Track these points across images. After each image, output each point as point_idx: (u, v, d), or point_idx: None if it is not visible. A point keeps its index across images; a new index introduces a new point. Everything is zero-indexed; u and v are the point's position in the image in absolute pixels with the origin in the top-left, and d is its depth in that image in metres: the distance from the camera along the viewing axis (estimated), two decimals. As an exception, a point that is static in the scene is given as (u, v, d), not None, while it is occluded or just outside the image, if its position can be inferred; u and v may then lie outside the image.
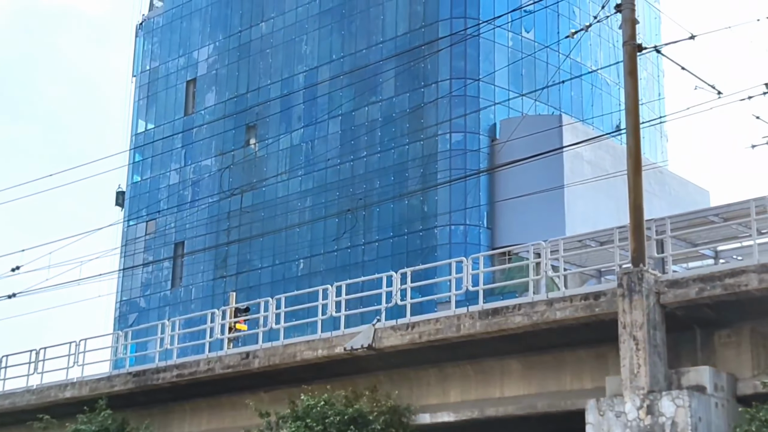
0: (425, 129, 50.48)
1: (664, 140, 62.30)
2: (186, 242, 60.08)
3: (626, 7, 18.30)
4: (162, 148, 62.75)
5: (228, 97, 60.52)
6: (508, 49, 51.13)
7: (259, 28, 59.89)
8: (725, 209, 20.33)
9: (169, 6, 66.36)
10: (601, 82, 55.07)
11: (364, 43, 54.24)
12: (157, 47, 66.48)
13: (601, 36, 54.89)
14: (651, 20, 59.56)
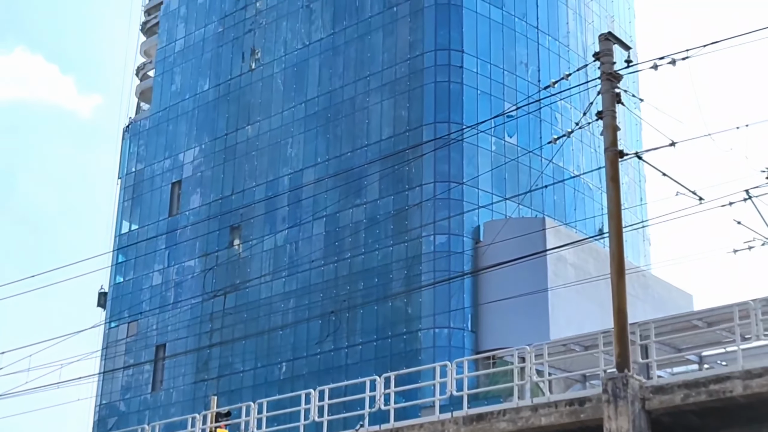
0: (409, 231, 50.65)
1: (647, 244, 62.65)
2: (167, 344, 59.54)
3: (607, 114, 18.60)
4: (146, 249, 62.68)
5: (213, 199, 60.74)
6: (491, 153, 51.69)
7: (245, 131, 60.47)
8: (709, 314, 20.33)
9: (156, 109, 67.04)
10: (583, 187, 55.59)
11: (349, 146, 54.77)
12: (144, 149, 66.94)
13: (583, 141, 55.63)
14: (632, 126, 60.47)
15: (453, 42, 52.58)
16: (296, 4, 59.86)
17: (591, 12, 60.59)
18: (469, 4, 53.43)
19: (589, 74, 23.20)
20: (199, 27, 65.34)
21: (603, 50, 19.17)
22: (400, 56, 53.76)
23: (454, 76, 52.09)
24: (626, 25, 64.62)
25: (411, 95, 52.77)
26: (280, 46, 60.04)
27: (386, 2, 55.17)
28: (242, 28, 62.60)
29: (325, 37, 57.69)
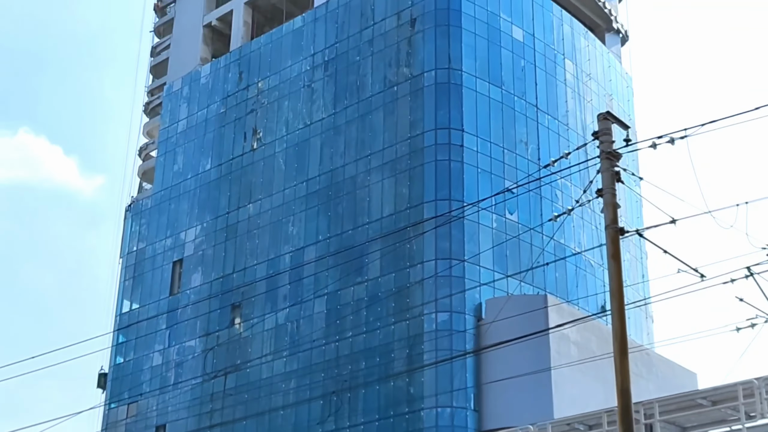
0: (411, 309, 50.47)
1: (650, 321, 62.38)
2: (168, 425, 58.92)
3: (607, 192, 18.68)
4: (146, 329, 62.41)
5: (214, 278, 60.66)
6: (492, 230, 51.78)
7: (247, 209, 60.68)
8: (713, 392, 20.19)
9: (158, 188, 67.35)
10: (585, 264, 55.57)
11: (350, 224, 54.90)
12: (145, 228, 67.09)
13: (583, 218, 55.78)
14: (632, 203, 60.69)
15: (453, 121, 53.04)
16: (298, 84, 60.55)
17: (589, 91, 61.22)
18: (469, 84, 54.03)
19: (588, 152, 23.38)
20: (202, 108, 65.99)
21: (602, 129, 19.33)
22: (401, 135, 54.17)
23: (455, 154, 52.43)
24: (625, 104, 65.25)
25: (412, 173, 53.07)
26: (282, 126, 60.56)
27: (387, 82, 55.80)
28: (244, 109, 63.22)
29: (327, 116, 58.23)
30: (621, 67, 66.74)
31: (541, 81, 57.40)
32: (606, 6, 67.26)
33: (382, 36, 56.91)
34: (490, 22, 56.11)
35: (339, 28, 59.33)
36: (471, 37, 55.01)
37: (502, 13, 56.81)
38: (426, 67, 54.32)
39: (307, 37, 61.00)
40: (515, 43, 56.76)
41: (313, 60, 60.10)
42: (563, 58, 59.59)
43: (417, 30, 55.46)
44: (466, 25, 55.04)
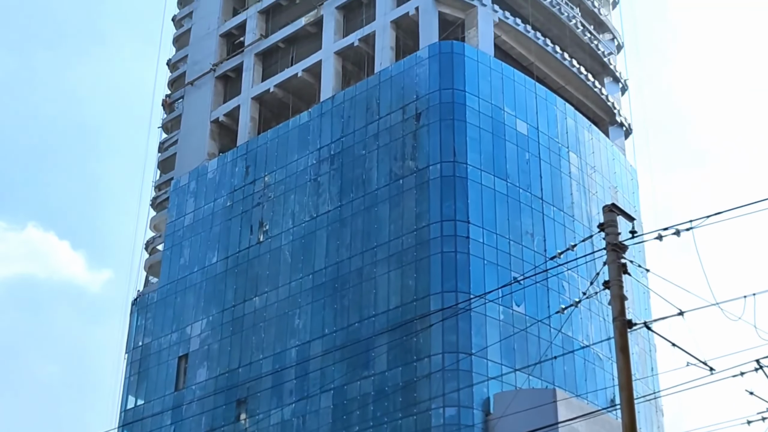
0: (418, 404, 49.91)
1: (660, 415, 61.55)
2: None
3: (614, 284, 18.62)
4: (151, 425, 61.66)
5: (219, 373, 60.17)
6: (499, 323, 51.49)
7: (253, 302, 60.48)
8: (727, 488, 19.78)
9: (164, 282, 67.28)
10: (593, 357, 55.08)
11: (356, 317, 54.63)
12: (151, 323, 66.81)
13: (591, 310, 55.49)
14: (640, 295, 60.41)
15: (459, 213, 53.17)
16: (304, 177, 60.91)
17: (594, 183, 61.48)
18: (474, 176, 54.31)
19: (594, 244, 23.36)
20: (209, 201, 66.30)
21: (607, 221, 19.37)
22: (407, 227, 54.26)
23: (461, 246, 52.42)
24: (630, 196, 65.45)
25: (418, 266, 52.99)
26: (288, 219, 60.73)
27: (392, 175, 56.12)
28: (251, 202, 63.51)
29: (333, 209, 58.44)
30: (625, 160, 67.15)
31: (546, 173, 57.70)
32: (609, 99, 67.99)
33: (388, 130, 57.45)
34: (495, 116, 56.66)
35: (345, 122, 59.94)
36: (476, 131, 55.49)
37: (506, 107, 57.41)
38: (431, 160, 54.68)
39: (313, 131, 61.59)
40: (519, 136, 57.23)
41: (319, 154, 60.57)
42: (567, 151, 60.00)
43: (422, 124, 56.00)
44: (470, 119, 55.57)
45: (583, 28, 67.33)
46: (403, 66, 58.49)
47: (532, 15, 63.99)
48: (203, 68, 72.12)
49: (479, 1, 59.79)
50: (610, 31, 71.38)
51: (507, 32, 61.72)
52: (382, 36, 61.11)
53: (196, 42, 74.25)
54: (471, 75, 56.87)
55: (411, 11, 60.43)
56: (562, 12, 65.56)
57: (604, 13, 71.19)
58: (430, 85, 56.58)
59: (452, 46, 57.60)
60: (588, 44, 67.46)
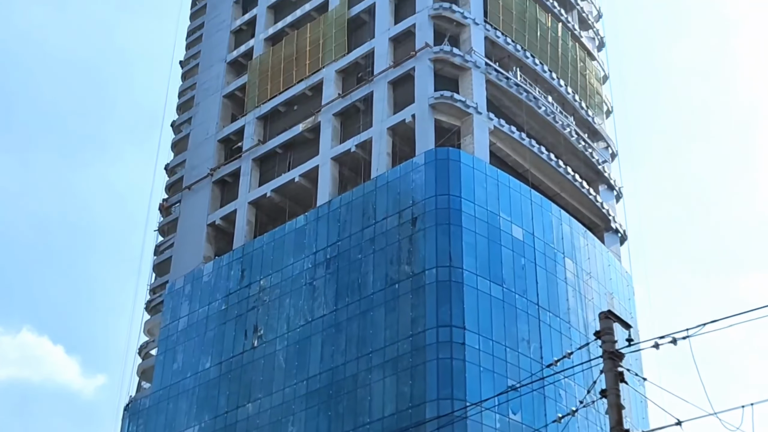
0: None
1: None
2: None
3: (611, 393, 18.44)
4: None
5: (211, 480, 59.04)
6: (495, 431, 50.75)
7: (246, 408, 59.70)
8: None
9: (157, 387, 66.51)
10: (591, 466, 54.18)
11: (351, 424, 53.88)
12: (143, 429, 65.79)
13: (588, 419, 54.77)
14: (637, 403, 59.71)
15: (455, 319, 52.91)
16: (299, 281, 60.78)
17: (590, 289, 61.40)
18: (470, 281, 54.23)
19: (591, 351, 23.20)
20: (203, 305, 66.01)
21: (604, 329, 19.29)
22: (402, 333, 53.91)
23: (457, 352, 52.02)
24: (626, 302, 65.30)
25: (413, 372, 52.49)
26: (283, 323, 60.38)
27: (388, 279, 56.02)
28: (246, 306, 63.24)
29: (328, 313, 58.15)
30: (621, 267, 67.19)
31: (542, 279, 57.65)
32: (604, 206, 68.39)
33: (384, 234, 57.58)
34: (490, 221, 56.88)
35: (341, 226, 60.12)
36: (471, 236, 55.63)
37: (501, 212, 57.68)
38: (427, 265, 54.67)
39: (309, 235, 61.72)
40: (515, 241, 57.35)
41: (315, 258, 60.58)
42: (563, 257, 60.06)
43: (418, 228, 56.17)
44: (466, 224, 55.77)
45: (578, 136, 68.13)
46: (400, 172, 58.96)
47: (527, 123, 64.80)
48: (201, 173, 72.63)
49: (475, 110, 60.59)
50: (605, 140, 72.21)
51: (502, 140, 62.43)
52: (378, 142, 61.77)
53: (195, 147, 74.92)
54: (467, 181, 57.29)
55: (407, 118, 61.19)
56: (556, 120, 66.41)
57: (599, 122, 72.11)
58: (426, 190, 56.95)
59: (448, 152, 58.17)
60: (582, 152, 68.16)
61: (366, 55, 66.54)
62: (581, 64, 72.07)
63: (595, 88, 73.36)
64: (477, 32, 64.15)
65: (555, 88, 67.90)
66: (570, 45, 71.42)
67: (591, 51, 74.89)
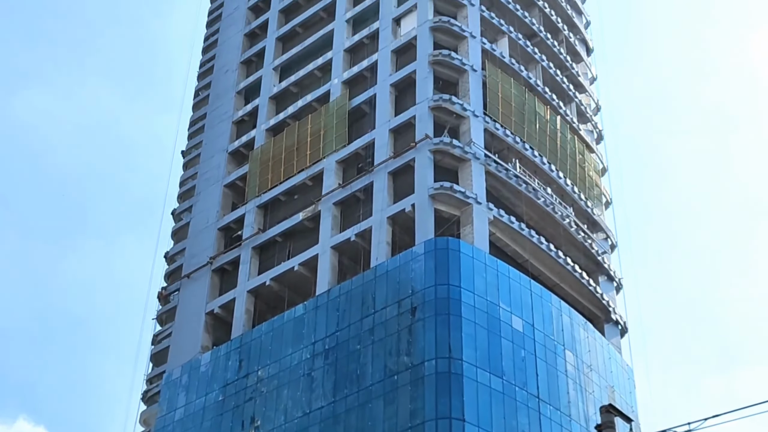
0: None
1: None
2: None
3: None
4: None
5: None
6: None
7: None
8: None
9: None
10: None
11: None
12: None
13: None
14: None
15: (454, 411, 52.29)
16: (298, 372, 60.23)
17: (591, 382, 60.84)
18: (470, 373, 53.73)
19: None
20: (200, 396, 65.29)
21: (605, 422, 19.08)
22: (402, 425, 53.23)
23: (456, 445, 51.29)
24: (627, 395, 64.63)
25: (412, 465, 51.72)
26: (281, 414, 59.67)
27: (387, 370, 55.52)
28: (243, 397, 62.57)
29: (326, 405, 57.50)
30: (621, 359, 66.67)
31: (542, 371, 57.13)
32: (604, 298, 68.18)
33: (383, 324, 57.26)
34: (490, 312, 56.61)
35: (340, 316, 59.83)
36: (471, 327, 55.32)
37: (501, 303, 57.45)
38: (426, 356, 54.24)
39: (308, 324, 61.36)
40: (515, 333, 57.02)
41: (313, 348, 60.13)
42: (563, 349, 59.65)
43: (417, 318, 55.87)
44: (466, 315, 55.50)
45: (577, 227, 68.28)
46: (399, 261, 58.91)
47: (527, 213, 65.01)
48: (200, 261, 72.58)
49: (474, 200, 60.85)
50: (604, 231, 72.33)
51: (502, 230, 62.56)
52: (378, 231, 61.85)
53: (195, 235, 75.02)
54: (466, 271, 57.20)
55: (407, 208, 61.41)
56: (556, 211, 66.63)
57: (598, 213, 72.34)
58: (425, 280, 56.82)
59: (448, 242, 58.21)
60: (582, 243, 68.24)
61: (366, 146, 67.11)
62: (580, 156, 72.62)
63: (594, 179, 73.79)
64: (476, 124, 64.79)
65: (554, 179, 68.28)
66: (569, 137, 72.06)
67: (590, 144, 75.53)
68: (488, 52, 69.09)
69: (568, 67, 77.40)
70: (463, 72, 67.08)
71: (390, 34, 71.12)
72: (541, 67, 73.79)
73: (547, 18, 78.29)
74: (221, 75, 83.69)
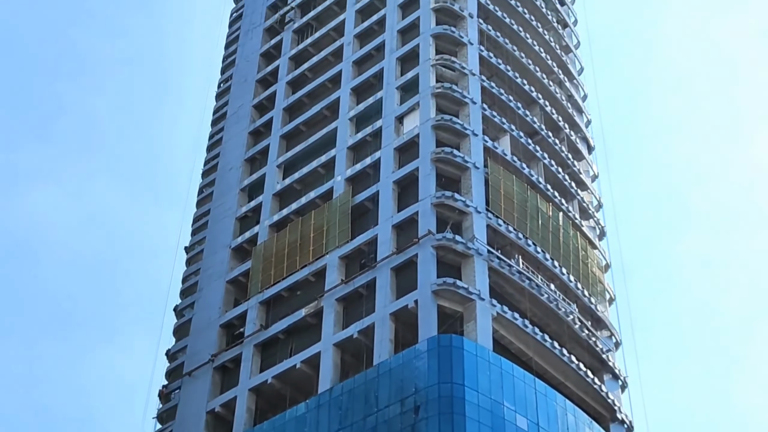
0: None
1: None
2: None
3: None
4: None
5: None
6: None
7: None
8: None
9: None
10: None
11: None
12: None
13: None
14: None
15: None
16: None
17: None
18: None
19: None
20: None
21: None
22: None
23: None
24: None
25: None
26: None
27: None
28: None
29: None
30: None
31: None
32: (609, 396, 67.32)
33: (386, 423, 56.45)
34: (494, 411, 55.86)
35: (343, 414, 59.00)
36: (475, 425, 54.53)
37: (505, 401, 56.72)
38: (430, 455, 53.38)
39: (310, 424, 60.46)
40: (519, 431, 56.17)
41: (315, 447, 59.22)
42: (569, 448, 58.72)
43: (421, 417, 55.12)
44: (470, 413, 54.76)
45: (581, 324, 67.82)
46: (402, 359, 58.35)
47: (530, 310, 64.64)
48: (202, 359, 71.90)
49: (477, 296, 60.55)
50: (608, 328, 71.80)
51: (505, 327, 62.12)
52: (381, 328, 61.40)
53: (197, 332, 74.47)
54: (470, 369, 56.62)
55: (410, 304, 61.08)
56: (559, 308, 66.25)
57: (601, 310, 71.88)
58: (429, 378, 56.20)
59: (451, 339, 57.74)
60: (586, 341, 67.68)
61: (369, 242, 67.08)
62: (583, 252, 72.50)
63: (597, 276, 73.53)
64: (479, 220, 64.85)
65: (557, 275, 68.08)
66: (571, 234, 72.06)
67: (592, 240, 75.51)
68: (490, 150, 69.59)
69: (569, 165, 77.86)
70: (466, 169, 67.46)
71: (393, 132, 71.76)
72: (542, 164, 74.25)
73: (548, 116, 79.05)
74: (225, 172, 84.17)
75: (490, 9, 79.87)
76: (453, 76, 73.56)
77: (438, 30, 75.62)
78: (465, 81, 72.89)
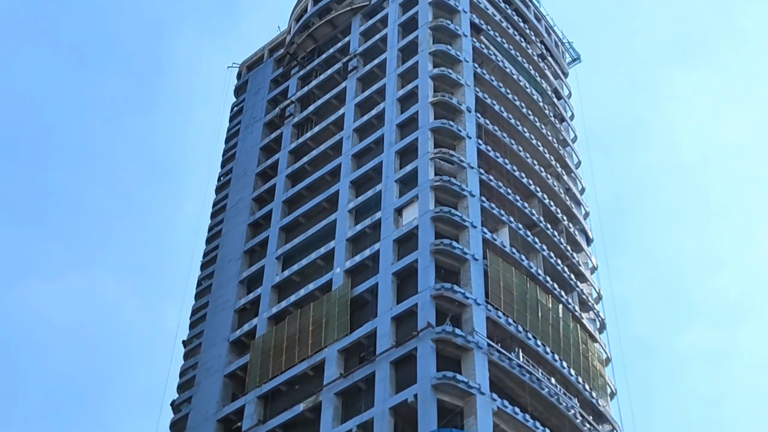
0: None
1: None
2: None
3: None
4: None
5: None
6: None
7: None
8: None
9: None
10: None
11: None
12: None
13: None
14: None
15: None
16: None
17: None
18: None
19: None
20: None
21: None
22: None
23: None
24: None
25: None
26: None
27: None
28: None
29: None
30: None
31: None
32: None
33: None
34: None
35: None
36: None
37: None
38: None
39: None
40: None
41: None
42: None
43: None
44: None
45: (583, 418, 67.02)
46: (402, 454, 57.54)
47: (531, 404, 63.95)
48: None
49: (478, 390, 59.92)
50: (610, 422, 70.98)
51: (506, 421, 61.35)
52: (380, 423, 60.63)
53: (194, 427, 73.41)
54: (471, 464, 55.86)
55: (410, 398, 60.40)
56: (560, 402, 65.56)
57: (603, 404, 71.15)
58: (428, 473, 55.36)
59: (451, 434, 57.03)
60: (588, 436, 66.87)
61: (368, 335, 66.65)
62: (583, 345, 72.03)
63: (598, 370, 72.93)
64: (479, 313, 64.54)
65: (558, 369, 67.50)
66: (571, 326, 71.69)
67: (593, 333, 75.12)
68: (489, 242, 69.66)
69: (568, 257, 77.90)
70: (465, 261, 67.41)
71: (392, 224, 71.90)
72: (542, 256, 74.26)
73: (546, 209, 79.35)
74: (224, 264, 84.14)
75: (488, 103, 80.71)
76: (452, 169, 74.00)
77: (437, 124, 76.32)
78: (464, 174, 73.30)
